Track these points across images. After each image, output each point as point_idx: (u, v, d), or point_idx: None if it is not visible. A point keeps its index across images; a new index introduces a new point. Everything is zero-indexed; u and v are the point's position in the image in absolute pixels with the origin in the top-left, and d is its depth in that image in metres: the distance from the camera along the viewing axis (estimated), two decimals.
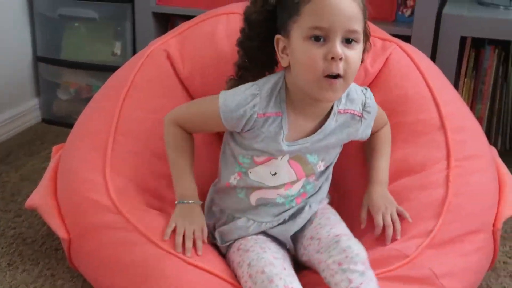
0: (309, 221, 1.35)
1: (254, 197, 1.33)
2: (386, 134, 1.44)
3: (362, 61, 1.26)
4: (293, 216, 1.35)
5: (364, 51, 1.27)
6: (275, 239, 1.34)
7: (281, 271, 1.18)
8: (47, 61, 2.31)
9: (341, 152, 1.37)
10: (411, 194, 1.35)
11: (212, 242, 1.35)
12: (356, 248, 1.19)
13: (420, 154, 1.41)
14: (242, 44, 1.31)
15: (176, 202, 1.31)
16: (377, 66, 1.55)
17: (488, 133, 2.09)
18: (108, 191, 1.32)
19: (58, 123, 2.35)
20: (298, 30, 1.19)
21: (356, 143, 1.42)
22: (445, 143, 1.41)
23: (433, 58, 1.89)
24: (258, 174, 1.30)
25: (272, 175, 1.30)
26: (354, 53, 1.18)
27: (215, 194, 1.40)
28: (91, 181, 1.35)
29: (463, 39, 1.92)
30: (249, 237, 1.32)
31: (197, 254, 1.24)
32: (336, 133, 1.30)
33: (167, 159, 1.34)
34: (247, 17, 1.28)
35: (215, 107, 1.26)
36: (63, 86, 2.35)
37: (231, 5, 1.65)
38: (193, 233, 1.27)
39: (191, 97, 1.57)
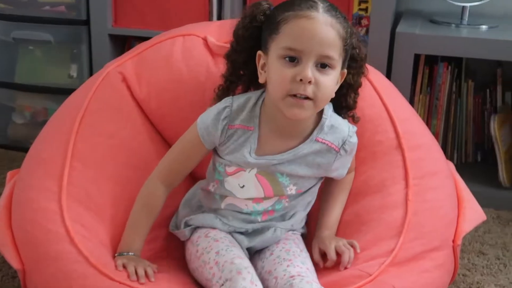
0: (271, 247, 1.35)
1: (224, 202, 1.36)
2: (348, 182, 1.44)
3: (358, 85, 1.33)
4: (256, 233, 1.36)
5: (359, 74, 1.32)
6: None
7: (249, 266, 1.21)
8: (1, 84, 2.27)
9: None
10: (371, 215, 1.37)
11: (172, 231, 1.40)
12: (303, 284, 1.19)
13: (378, 175, 1.42)
14: (229, 57, 1.34)
15: (116, 254, 1.30)
16: None
17: (444, 148, 2.13)
18: (64, 220, 1.28)
19: (13, 147, 2.29)
20: (275, 48, 1.21)
21: None
22: (402, 162, 1.42)
23: (388, 75, 1.91)
24: (230, 184, 1.33)
25: (241, 187, 1.32)
26: (326, 78, 1.20)
27: (200, 190, 1.42)
28: (46, 209, 1.31)
29: (417, 57, 1.96)
30: (218, 230, 1.34)
31: (150, 281, 1.23)
32: (308, 160, 1.31)
33: (132, 208, 1.35)
34: (235, 32, 1.32)
35: (195, 132, 1.30)
36: (18, 110, 2.31)
37: (188, 26, 1.65)
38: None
39: (148, 120, 1.56)
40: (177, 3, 2.03)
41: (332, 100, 1.29)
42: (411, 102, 2.02)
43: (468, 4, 2.01)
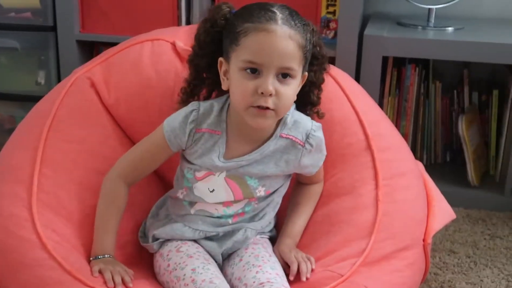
0: (240, 252, 1.35)
1: (195, 209, 1.36)
2: (315, 193, 1.44)
3: (321, 81, 1.36)
4: (227, 236, 1.36)
5: (321, 71, 1.36)
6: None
7: (227, 287, 1.21)
8: None
9: None
10: (342, 216, 1.37)
11: (142, 244, 1.39)
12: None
13: (348, 177, 1.43)
14: (191, 61, 1.35)
15: (91, 258, 1.28)
16: None
17: (413, 149, 2.15)
18: (35, 226, 1.27)
19: None
20: (236, 60, 1.22)
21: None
22: (372, 164, 1.43)
23: (357, 78, 1.93)
24: (199, 190, 1.33)
25: (211, 191, 1.32)
26: (287, 89, 1.21)
27: (168, 199, 1.42)
28: (16, 216, 1.29)
29: (385, 59, 1.98)
30: (190, 243, 1.33)
31: (127, 287, 1.22)
32: (275, 157, 1.32)
33: (96, 209, 1.33)
34: (197, 37, 1.32)
35: (161, 134, 1.30)
36: None
37: (156, 31, 1.64)
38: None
39: (117, 125, 1.54)
40: (145, 8, 2.02)
41: (296, 98, 1.30)
42: (380, 104, 2.04)
43: (434, 7, 2.03)
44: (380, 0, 2.24)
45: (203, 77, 1.35)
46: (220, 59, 1.27)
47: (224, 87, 1.28)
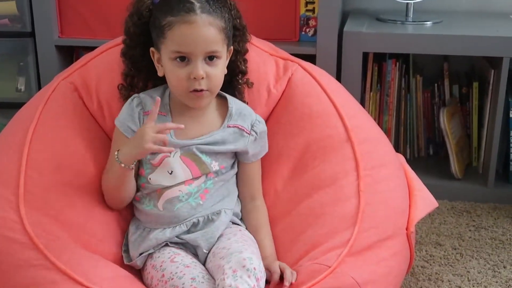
0: (223, 236, 1.37)
1: (161, 203, 1.38)
2: (264, 213, 1.46)
3: (245, 50, 1.47)
4: (209, 223, 1.38)
5: (244, 41, 1.46)
6: (185, 248, 1.36)
7: None
8: None
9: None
10: (325, 208, 1.38)
11: (126, 263, 1.38)
12: (256, 263, 1.21)
13: (330, 168, 1.44)
14: (125, 54, 1.45)
15: (116, 153, 1.34)
16: (281, 87, 1.58)
17: (397, 143, 2.16)
18: (24, 227, 1.27)
19: None
20: (165, 51, 1.33)
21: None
22: (353, 155, 1.45)
23: (338, 75, 1.94)
24: (158, 177, 1.39)
25: (170, 174, 1.38)
26: (216, 69, 1.33)
27: (136, 212, 1.45)
28: (5, 219, 1.29)
29: (365, 55, 1.98)
30: (183, 253, 1.34)
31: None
32: (226, 144, 1.41)
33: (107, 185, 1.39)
34: (126, 30, 1.42)
35: (117, 132, 1.40)
36: None
37: None
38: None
39: (101, 128, 1.54)
40: (123, 11, 1.99)
41: (227, 68, 1.40)
42: (362, 99, 2.04)
43: (412, 1, 2.05)
44: None
45: (139, 67, 1.44)
46: (152, 49, 1.38)
47: (160, 74, 1.39)
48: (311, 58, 1.81)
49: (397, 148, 2.15)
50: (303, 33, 2.00)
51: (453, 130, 2.05)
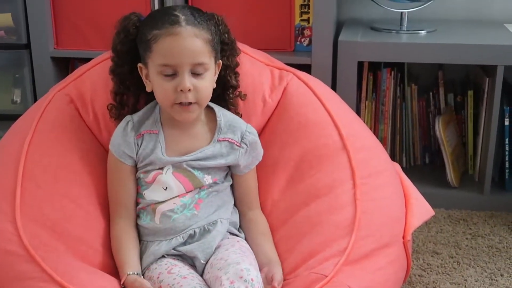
0: (221, 247, 1.37)
1: (157, 217, 1.39)
2: (264, 225, 1.46)
3: (235, 64, 1.45)
4: (206, 233, 1.37)
5: (233, 55, 1.45)
6: (182, 260, 1.36)
7: None
8: None
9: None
10: (322, 217, 1.38)
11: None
12: (253, 274, 1.21)
13: (326, 177, 1.44)
14: (113, 71, 1.45)
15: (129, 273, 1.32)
16: (276, 97, 1.59)
17: (393, 152, 2.17)
18: (21, 239, 1.27)
19: None
20: (152, 65, 1.34)
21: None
22: (348, 163, 1.45)
23: (333, 84, 1.94)
24: (152, 193, 1.40)
25: (164, 189, 1.39)
26: (203, 82, 1.33)
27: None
28: (2, 231, 1.29)
29: (360, 64, 1.99)
30: (180, 264, 1.33)
31: None
32: (218, 159, 1.41)
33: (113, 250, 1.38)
34: (114, 48, 1.42)
35: (112, 157, 1.41)
36: None
37: None
38: None
39: (97, 140, 1.54)
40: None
41: (218, 83, 1.42)
42: (358, 109, 2.05)
43: (406, 10, 2.05)
44: (353, 6, 2.26)
45: (128, 84, 1.44)
46: (139, 64, 1.39)
47: (148, 89, 1.39)
48: (306, 68, 1.82)
49: (393, 157, 2.16)
50: (298, 43, 2.01)
51: (448, 139, 2.05)
